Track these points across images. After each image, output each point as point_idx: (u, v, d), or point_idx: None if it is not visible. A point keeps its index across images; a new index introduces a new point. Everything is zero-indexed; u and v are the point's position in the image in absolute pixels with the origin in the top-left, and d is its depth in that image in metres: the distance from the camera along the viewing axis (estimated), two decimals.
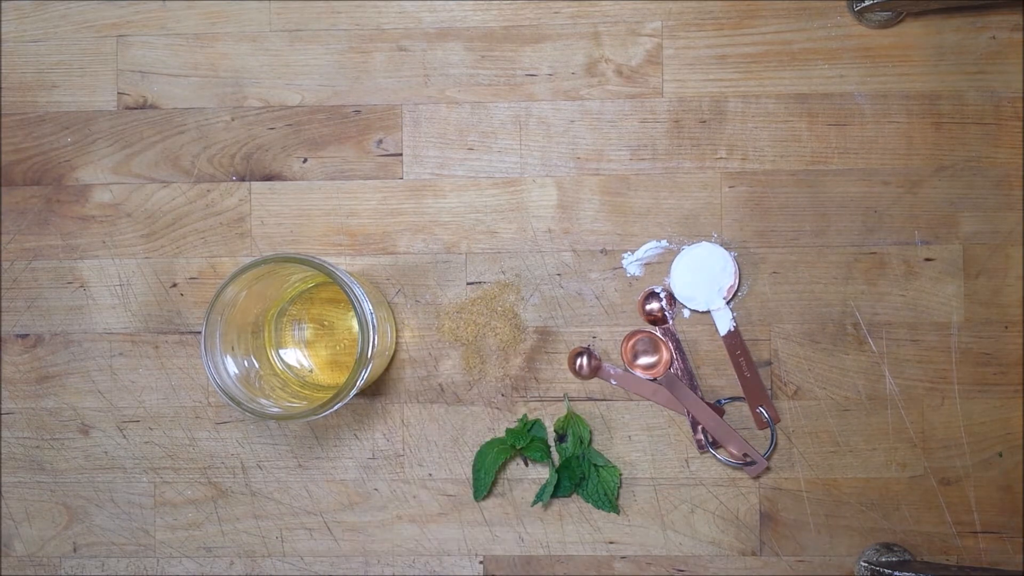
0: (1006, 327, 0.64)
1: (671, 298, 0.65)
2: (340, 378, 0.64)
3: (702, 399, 0.64)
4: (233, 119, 0.67)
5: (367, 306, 0.56)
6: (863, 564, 0.63)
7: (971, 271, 0.64)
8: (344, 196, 0.66)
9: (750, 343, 0.65)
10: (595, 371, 0.65)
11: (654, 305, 0.65)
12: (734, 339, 0.64)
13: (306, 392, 0.62)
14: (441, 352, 0.66)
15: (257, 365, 0.61)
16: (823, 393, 0.64)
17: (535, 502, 0.64)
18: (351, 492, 0.66)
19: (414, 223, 0.66)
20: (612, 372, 0.65)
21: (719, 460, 0.64)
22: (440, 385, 0.66)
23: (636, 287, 0.65)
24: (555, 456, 0.65)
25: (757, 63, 0.65)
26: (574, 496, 0.65)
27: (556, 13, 0.66)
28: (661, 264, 0.65)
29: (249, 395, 0.56)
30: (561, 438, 0.64)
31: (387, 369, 0.66)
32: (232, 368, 0.57)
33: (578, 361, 0.65)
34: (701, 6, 0.65)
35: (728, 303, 0.64)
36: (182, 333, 0.66)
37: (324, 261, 0.55)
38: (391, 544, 0.65)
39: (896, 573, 0.59)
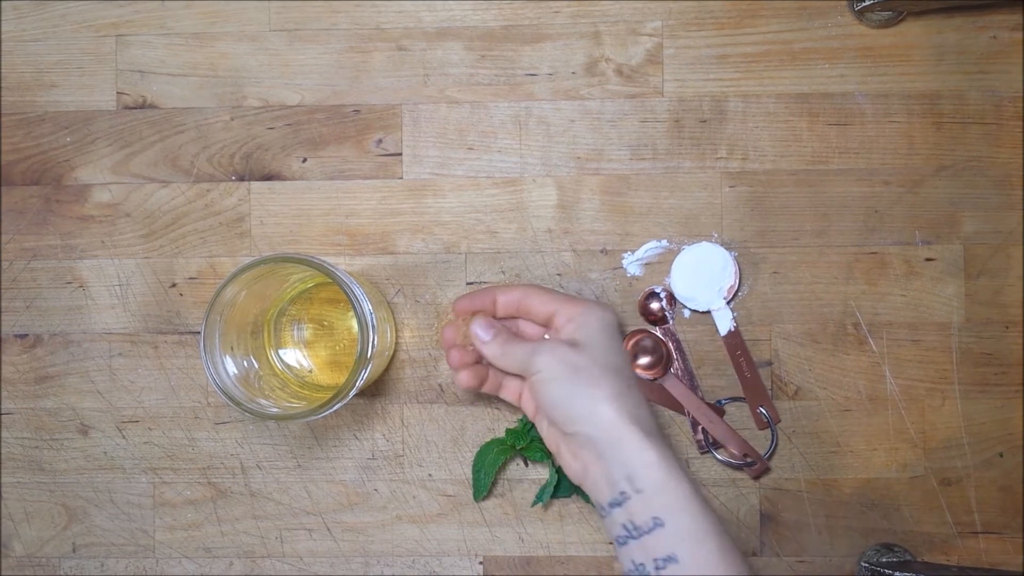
0: (1007, 327, 0.64)
1: (671, 298, 0.65)
2: (340, 378, 0.64)
3: (702, 399, 0.64)
4: (232, 119, 0.66)
5: (367, 306, 0.56)
6: (864, 564, 0.63)
7: (972, 271, 0.64)
8: (343, 196, 0.66)
9: (750, 343, 0.64)
10: None
11: (654, 305, 0.65)
12: (734, 339, 0.64)
13: (306, 392, 0.62)
14: (441, 352, 0.65)
15: (256, 365, 0.61)
16: (823, 393, 0.64)
17: (535, 502, 0.64)
18: (351, 492, 0.66)
19: (414, 223, 0.66)
20: None
21: (719, 460, 0.64)
22: (440, 385, 0.66)
23: (636, 287, 0.65)
24: None
25: (757, 63, 0.65)
26: (574, 496, 0.65)
27: (556, 13, 0.66)
28: (661, 264, 0.65)
29: (248, 395, 0.56)
30: None
31: (387, 369, 0.66)
32: (231, 368, 0.57)
33: None
34: (701, 6, 0.65)
35: (728, 303, 0.64)
36: (181, 333, 0.66)
37: (323, 261, 0.55)
38: (391, 545, 0.65)
39: (897, 573, 0.59)
